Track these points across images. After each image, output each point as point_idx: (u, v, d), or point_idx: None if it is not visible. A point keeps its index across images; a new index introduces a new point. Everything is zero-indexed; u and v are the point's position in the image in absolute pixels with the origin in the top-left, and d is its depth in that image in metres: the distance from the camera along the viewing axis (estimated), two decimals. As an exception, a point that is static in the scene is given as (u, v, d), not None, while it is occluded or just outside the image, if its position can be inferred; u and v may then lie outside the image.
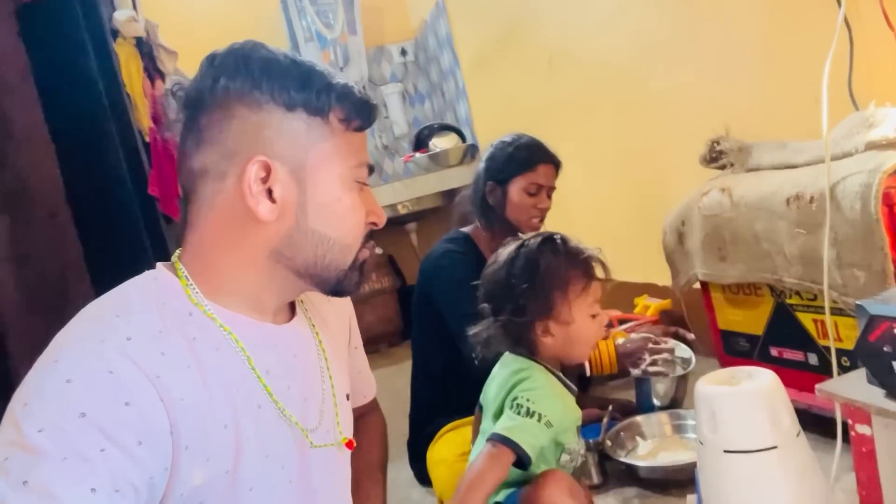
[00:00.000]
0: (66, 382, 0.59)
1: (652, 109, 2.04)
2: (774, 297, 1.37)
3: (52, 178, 1.13)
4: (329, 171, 0.73)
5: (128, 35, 1.58)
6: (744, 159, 1.47)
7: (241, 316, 0.72)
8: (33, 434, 0.56)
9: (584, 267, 1.11)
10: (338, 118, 0.73)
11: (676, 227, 1.56)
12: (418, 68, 3.64)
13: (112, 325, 0.64)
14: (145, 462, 0.60)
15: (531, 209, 1.67)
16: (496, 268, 1.15)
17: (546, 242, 1.13)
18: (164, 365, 0.63)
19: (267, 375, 0.72)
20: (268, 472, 0.71)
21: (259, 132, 0.70)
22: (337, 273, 0.76)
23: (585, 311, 1.10)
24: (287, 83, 0.70)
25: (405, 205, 3.18)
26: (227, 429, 0.67)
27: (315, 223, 0.73)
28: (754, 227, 1.31)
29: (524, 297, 1.09)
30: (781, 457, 0.95)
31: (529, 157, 1.68)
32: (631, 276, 2.30)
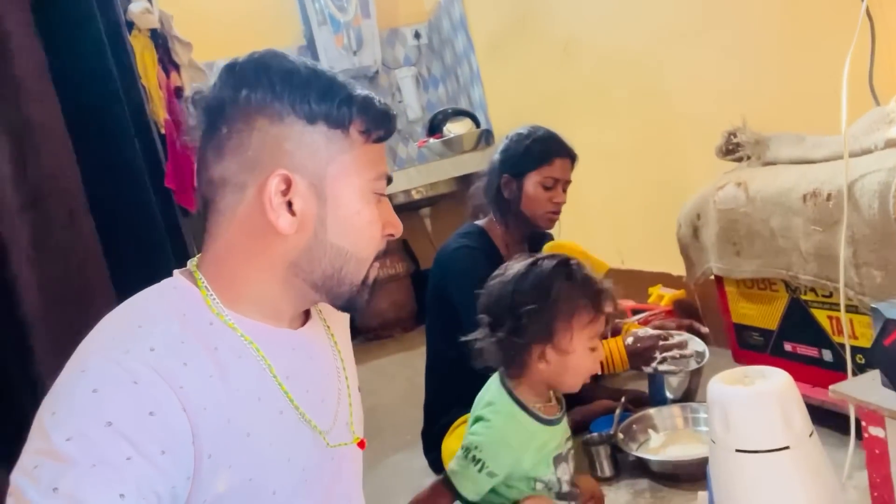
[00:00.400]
0: (92, 392, 0.60)
1: (668, 98, 2.02)
2: (789, 292, 1.37)
3: (71, 174, 1.14)
4: (349, 183, 0.73)
5: (142, 27, 1.59)
6: (761, 152, 1.46)
7: (260, 324, 0.73)
8: (62, 443, 0.57)
9: (596, 299, 1.08)
10: (358, 130, 0.73)
11: (691, 220, 1.56)
12: (432, 51, 3.62)
13: (135, 336, 0.65)
14: (168, 471, 0.61)
15: (547, 203, 1.66)
16: (502, 281, 1.12)
17: (561, 266, 1.10)
18: (186, 375, 0.64)
19: (287, 381, 0.73)
20: (290, 475, 0.73)
21: (280, 144, 0.70)
22: (350, 288, 0.76)
23: (586, 343, 1.08)
24: (308, 95, 0.70)
25: (419, 190, 3.18)
26: (249, 437, 0.68)
27: (334, 236, 0.73)
28: (770, 222, 1.30)
29: (527, 318, 1.06)
30: (793, 457, 0.95)
31: (546, 150, 1.66)
32: (645, 265, 2.30)
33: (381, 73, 3.51)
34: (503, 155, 1.70)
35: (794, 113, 1.55)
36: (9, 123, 1.08)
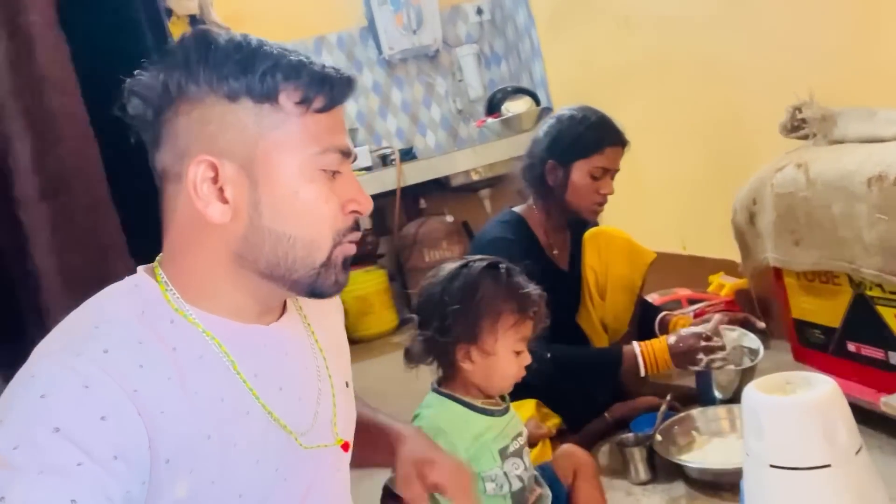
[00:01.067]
0: (40, 398, 0.58)
1: (733, 72, 1.86)
2: (853, 287, 1.23)
3: (93, 165, 1.16)
4: (282, 161, 0.67)
5: (181, 13, 1.60)
6: (828, 129, 1.31)
7: (224, 320, 0.70)
8: (9, 451, 0.56)
9: (521, 303, 1.07)
10: (293, 101, 0.67)
11: (747, 206, 1.43)
12: (494, 28, 3.51)
13: (90, 337, 0.63)
14: (122, 476, 0.59)
15: (594, 194, 1.56)
16: (433, 282, 1.11)
17: (489, 269, 1.09)
18: (142, 377, 0.62)
19: (255, 379, 0.70)
20: (260, 477, 0.70)
21: (203, 128, 0.66)
22: (307, 273, 0.70)
23: (510, 346, 1.07)
24: (226, 71, 0.65)
25: (478, 171, 3.11)
26: (210, 439, 0.65)
27: (271, 221, 0.68)
28: (831, 209, 1.17)
29: (452, 318, 1.06)
30: (835, 477, 0.85)
31: (599, 138, 1.55)
32: (706, 251, 2.15)
33: (441, 51, 3.44)
34: (550, 139, 1.59)
35: (865, 86, 1.38)
36: (30, 115, 1.10)
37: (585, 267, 1.64)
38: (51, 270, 1.08)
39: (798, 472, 0.86)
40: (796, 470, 0.86)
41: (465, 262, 1.12)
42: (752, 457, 0.91)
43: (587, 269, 1.63)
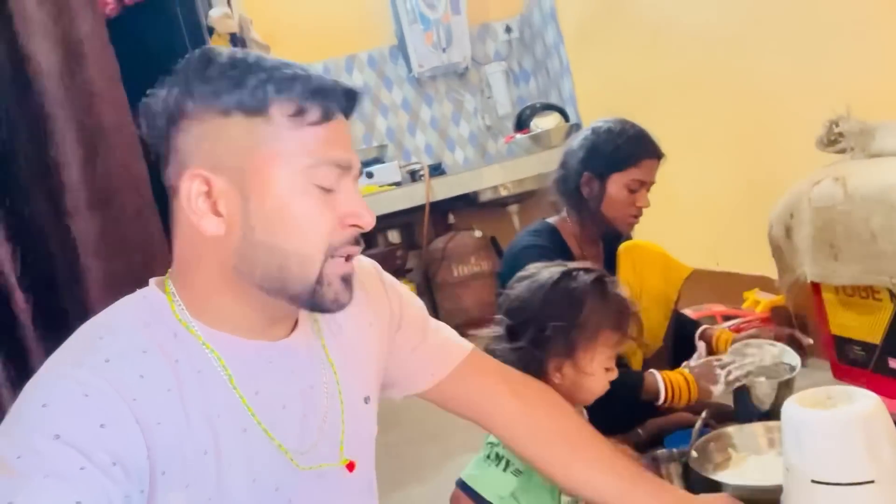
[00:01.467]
0: (42, 407, 0.60)
1: (766, 86, 1.85)
2: (894, 301, 1.21)
3: (139, 176, 1.19)
4: (274, 175, 0.67)
5: (222, 32, 1.65)
6: (866, 142, 1.30)
7: (228, 336, 0.70)
8: (13, 460, 0.57)
9: (622, 321, 1.04)
10: (286, 114, 0.67)
11: (784, 220, 1.42)
12: (523, 45, 3.54)
13: (94, 347, 0.64)
14: (121, 481, 0.60)
15: (630, 207, 1.56)
16: (531, 286, 1.06)
17: (597, 283, 1.05)
18: (142, 387, 0.63)
19: (255, 396, 0.70)
20: (257, 496, 0.70)
21: (199, 144, 0.67)
22: (304, 289, 0.69)
23: (604, 363, 1.04)
24: (219, 87, 0.66)
25: (506, 186, 3.12)
26: (206, 454, 0.66)
27: (262, 235, 0.67)
28: (870, 222, 1.16)
29: (553, 332, 1.02)
30: (880, 492, 0.84)
31: (636, 151, 1.54)
32: (741, 267, 2.13)
33: (470, 68, 3.47)
34: (585, 151, 1.59)
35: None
36: (81, 127, 1.14)
37: (620, 281, 1.63)
38: (97, 276, 1.11)
39: (841, 488, 0.84)
40: (839, 486, 0.85)
41: (568, 271, 1.07)
42: (792, 472, 0.90)
43: (622, 284, 1.62)
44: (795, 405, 0.89)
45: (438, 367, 0.93)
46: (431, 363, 0.93)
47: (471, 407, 0.94)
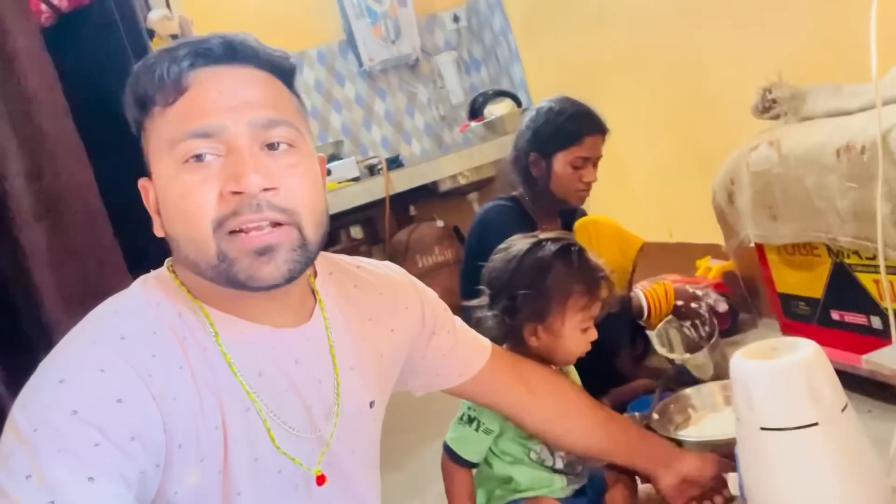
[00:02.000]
0: (59, 382, 0.61)
1: (705, 58, 1.91)
2: (832, 256, 1.27)
3: (86, 183, 1.18)
4: (157, 166, 0.68)
5: (163, 34, 1.63)
6: (798, 107, 1.36)
7: (232, 316, 0.71)
8: (30, 433, 0.59)
9: (591, 285, 1.08)
10: (158, 104, 0.66)
11: (725, 186, 1.47)
12: (472, 34, 3.56)
13: (108, 325, 0.66)
14: (138, 457, 0.61)
15: (577, 182, 1.61)
16: (506, 257, 1.12)
17: (562, 252, 1.09)
18: (155, 365, 0.64)
19: (259, 378, 0.71)
20: (259, 477, 0.71)
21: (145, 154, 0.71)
22: (217, 271, 0.66)
23: (577, 326, 1.09)
24: (127, 100, 0.69)
25: (465, 175, 3.14)
26: (217, 430, 0.67)
27: (167, 228, 0.69)
28: (804, 182, 1.21)
29: (521, 300, 1.07)
30: (823, 434, 0.88)
31: (576, 129, 1.59)
32: (692, 237, 2.19)
33: (421, 60, 3.48)
34: (531, 133, 1.64)
35: (830, 63, 1.43)
36: (22, 137, 1.12)
37: None
38: (50, 287, 1.10)
39: (787, 433, 0.89)
40: (785, 430, 0.89)
41: (538, 241, 1.12)
42: (743, 422, 0.94)
43: None
44: (742, 358, 0.93)
45: (466, 369, 0.98)
46: (461, 365, 0.98)
47: (487, 398, 1.02)
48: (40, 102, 1.16)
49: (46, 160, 1.15)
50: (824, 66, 1.46)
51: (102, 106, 1.54)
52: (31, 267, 1.10)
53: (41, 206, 1.13)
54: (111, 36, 1.60)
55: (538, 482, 1.09)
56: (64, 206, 1.15)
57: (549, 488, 1.09)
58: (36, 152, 1.14)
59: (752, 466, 0.94)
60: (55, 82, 1.19)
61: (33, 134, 1.14)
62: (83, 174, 1.19)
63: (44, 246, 1.11)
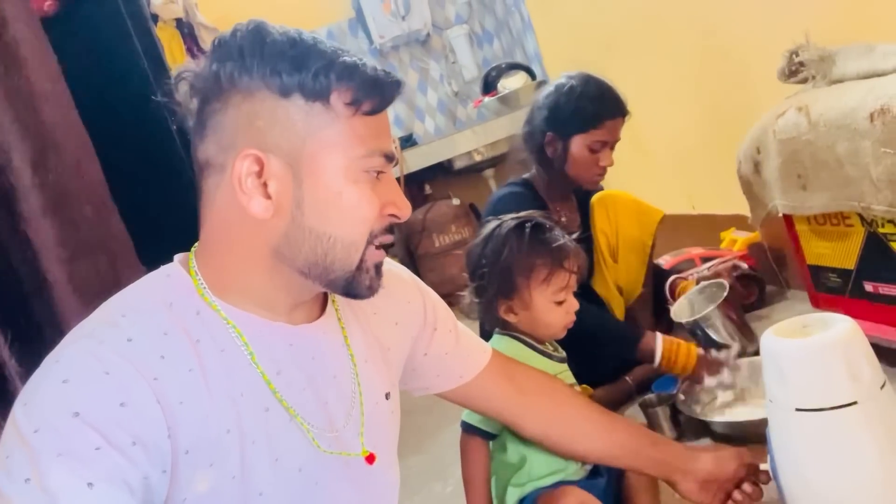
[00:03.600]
0: (62, 382, 0.59)
1: (725, 23, 1.83)
2: (865, 226, 1.21)
3: (93, 174, 1.16)
4: (329, 162, 0.67)
5: (167, 18, 1.60)
6: (827, 69, 1.29)
7: (251, 315, 0.69)
8: (30, 434, 0.57)
9: (551, 256, 1.09)
10: (343, 102, 0.66)
11: (751, 155, 1.41)
12: (483, 6, 3.48)
13: (115, 325, 0.64)
14: (140, 462, 0.59)
15: (594, 166, 1.55)
16: (475, 244, 1.16)
17: (516, 229, 1.12)
18: (163, 368, 0.62)
19: (277, 377, 0.69)
20: (280, 476, 0.69)
21: (252, 122, 0.65)
22: (344, 274, 0.70)
23: (548, 297, 1.10)
24: (280, 66, 0.64)
25: (480, 151, 3.09)
26: (229, 433, 0.65)
27: (313, 220, 0.67)
28: (836, 149, 1.15)
29: (486, 278, 1.11)
30: (863, 413, 0.85)
31: (597, 112, 1.52)
32: (715, 208, 2.13)
33: (432, 35, 3.42)
34: (548, 111, 1.57)
35: (862, 21, 1.35)
36: (26, 129, 1.10)
37: (596, 231, 1.63)
38: (62, 281, 1.09)
39: (825, 413, 0.85)
40: (823, 411, 0.85)
41: (498, 224, 1.15)
42: (776, 403, 0.90)
43: (598, 234, 1.63)
44: (774, 336, 0.89)
45: (467, 369, 0.96)
46: (462, 365, 0.96)
47: (482, 402, 0.99)
48: (43, 93, 1.14)
49: (52, 153, 1.13)
50: (854, 25, 1.39)
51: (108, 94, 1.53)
52: (42, 262, 1.09)
53: (48, 201, 1.11)
54: (115, 21, 1.58)
55: (552, 466, 1.07)
56: (72, 200, 1.14)
57: (564, 472, 1.07)
58: (41, 144, 1.12)
59: (787, 449, 0.90)
60: (59, 74, 1.16)
61: (37, 125, 1.12)
62: (91, 167, 1.17)
63: (53, 241, 1.10)
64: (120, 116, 1.48)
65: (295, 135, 0.66)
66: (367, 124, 0.68)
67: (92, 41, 1.52)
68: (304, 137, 0.66)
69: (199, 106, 0.68)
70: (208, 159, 0.68)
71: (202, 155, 0.69)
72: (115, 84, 1.53)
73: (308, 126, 0.66)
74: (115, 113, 1.45)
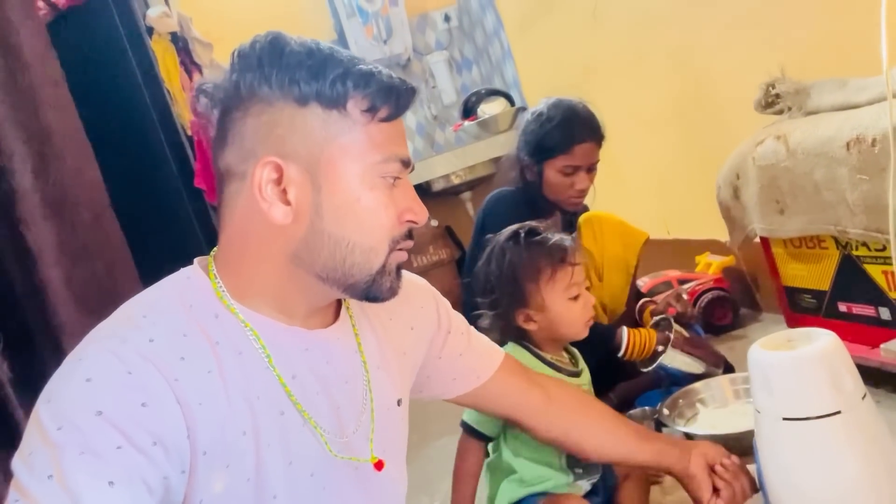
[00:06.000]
0: (86, 381, 0.60)
1: (701, 55, 1.92)
2: (840, 249, 1.28)
3: (93, 180, 1.16)
4: (347, 168, 0.68)
5: (162, 31, 1.61)
6: (802, 102, 1.37)
7: (268, 320, 0.71)
8: (53, 431, 0.58)
9: (550, 255, 1.12)
10: (360, 109, 0.68)
11: (731, 181, 1.48)
12: (463, 33, 3.56)
13: (137, 326, 0.65)
14: (160, 462, 0.60)
15: (569, 189, 1.58)
16: (479, 265, 1.19)
17: (511, 238, 1.16)
18: (183, 369, 0.63)
19: (292, 381, 0.70)
20: (293, 480, 0.70)
21: (271, 130, 0.67)
22: (364, 278, 0.71)
23: (561, 295, 1.12)
24: (297, 75, 0.66)
25: (458, 174, 3.14)
26: (245, 435, 0.66)
27: (331, 225, 0.69)
28: (813, 175, 1.22)
29: (497, 291, 1.14)
30: (845, 422, 0.89)
31: (565, 137, 1.55)
32: (692, 233, 2.21)
33: (412, 59, 3.47)
34: (524, 137, 1.63)
35: (835, 57, 1.44)
36: (28, 133, 1.10)
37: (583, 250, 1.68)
38: (59, 286, 1.08)
39: (810, 422, 0.89)
40: (808, 420, 0.89)
41: (496, 238, 1.19)
42: (763, 413, 0.94)
43: (584, 253, 1.67)
44: (761, 349, 0.94)
45: (484, 369, 0.97)
46: (477, 365, 0.96)
47: (500, 402, 0.99)
48: (46, 98, 1.14)
49: (53, 157, 1.13)
50: (826, 61, 1.47)
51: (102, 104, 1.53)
52: (39, 266, 1.08)
53: (48, 205, 1.11)
54: (109, 33, 1.59)
55: (540, 478, 1.09)
56: (71, 205, 1.14)
57: (553, 480, 1.09)
58: (42, 149, 1.12)
59: (773, 457, 0.94)
60: (61, 78, 1.17)
61: (39, 129, 1.12)
62: (91, 172, 1.17)
63: (51, 245, 1.09)
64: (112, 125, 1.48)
65: (313, 142, 0.68)
66: (384, 131, 0.70)
67: (85, 50, 1.52)
68: (322, 144, 0.68)
69: (220, 116, 0.70)
70: (228, 167, 0.70)
71: (222, 163, 0.71)
72: (109, 94, 1.54)
73: (326, 133, 0.68)
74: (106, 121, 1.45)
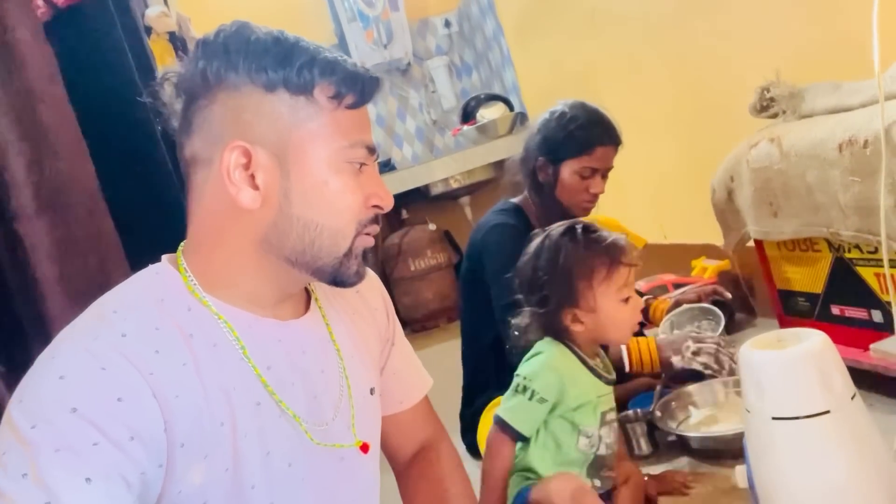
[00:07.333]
0: (59, 379, 0.60)
1: (698, 60, 1.93)
2: (832, 251, 1.28)
3: (87, 176, 1.17)
4: (315, 152, 0.69)
5: (160, 31, 1.62)
6: (796, 105, 1.37)
7: (241, 311, 0.71)
8: (27, 430, 0.58)
9: (607, 254, 1.09)
10: (326, 95, 0.69)
11: (725, 184, 1.48)
12: (463, 39, 3.58)
13: (109, 322, 0.64)
14: (137, 457, 0.60)
15: (584, 193, 1.57)
16: (525, 260, 1.15)
17: (566, 233, 1.12)
18: (158, 362, 0.63)
19: (268, 371, 0.71)
20: (271, 470, 0.70)
21: (238, 116, 0.68)
22: (331, 261, 0.72)
23: (613, 296, 1.09)
24: (265, 62, 0.67)
25: (457, 179, 3.14)
26: (223, 426, 0.66)
27: (300, 209, 0.70)
28: (806, 177, 1.22)
29: (547, 288, 1.10)
30: (835, 422, 0.89)
31: (588, 138, 1.54)
32: (687, 237, 2.21)
33: (413, 64, 3.49)
34: (541, 136, 1.60)
35: (829, 61, 1.45)
36: (23, 129, 1.11)
37: None
38: (52, 280, 1.08)
39: (800, 421, 0.89)
40: (798, 419, 0.89)
41: (545, 234, 1.15)
42: (753, 413, 0.94)
43: None
44: (751, 349, 0.94)
45: (409, 394, 0.95)
46: (405, 388, 0.95)
47: (397, 440, 0.94)
48: (41, 94, 1.14)
49: (47, 152, 1.13)
50: (820, 65, 1.48)
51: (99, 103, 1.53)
52: (32, 261, 1.08)
53: (42, 200, 1.11)
54: (108, 32, 1.59)
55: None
56: (65, 200, 1.14)
57: None
58: (37, 144, 1.12)
59: (763, 456, 0.94)
60: (57, 74, 1.17)
61: (34, 125, 1.12)
62: (85, 168, 1.17)
63: (45, 240, 1.10)
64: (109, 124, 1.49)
65: (281, 127, 0.69)
66: (350, 117, 0.71)
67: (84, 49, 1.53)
68: (289, 129, 0.69)
69: (185, 105, 0.70)
70: (195, 155, 0.70)
71: (188, 151, 0.71)
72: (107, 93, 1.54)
73: (293, 119, 0.69)
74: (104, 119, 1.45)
